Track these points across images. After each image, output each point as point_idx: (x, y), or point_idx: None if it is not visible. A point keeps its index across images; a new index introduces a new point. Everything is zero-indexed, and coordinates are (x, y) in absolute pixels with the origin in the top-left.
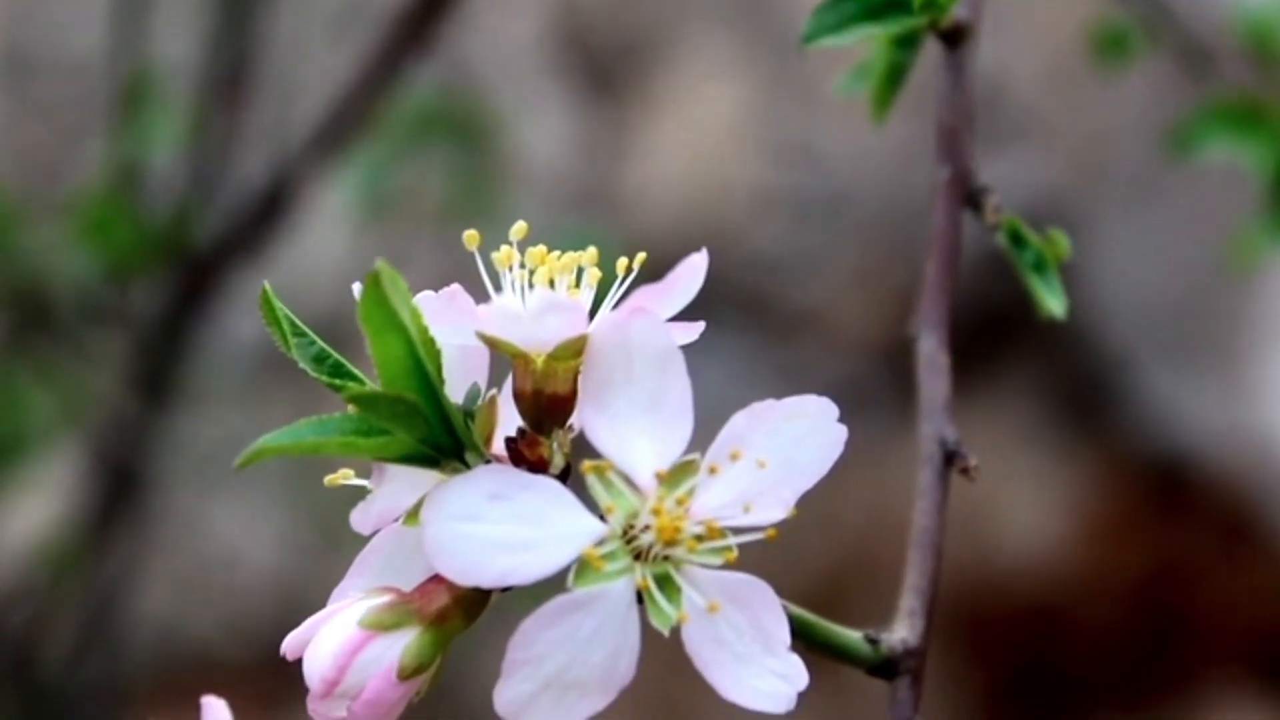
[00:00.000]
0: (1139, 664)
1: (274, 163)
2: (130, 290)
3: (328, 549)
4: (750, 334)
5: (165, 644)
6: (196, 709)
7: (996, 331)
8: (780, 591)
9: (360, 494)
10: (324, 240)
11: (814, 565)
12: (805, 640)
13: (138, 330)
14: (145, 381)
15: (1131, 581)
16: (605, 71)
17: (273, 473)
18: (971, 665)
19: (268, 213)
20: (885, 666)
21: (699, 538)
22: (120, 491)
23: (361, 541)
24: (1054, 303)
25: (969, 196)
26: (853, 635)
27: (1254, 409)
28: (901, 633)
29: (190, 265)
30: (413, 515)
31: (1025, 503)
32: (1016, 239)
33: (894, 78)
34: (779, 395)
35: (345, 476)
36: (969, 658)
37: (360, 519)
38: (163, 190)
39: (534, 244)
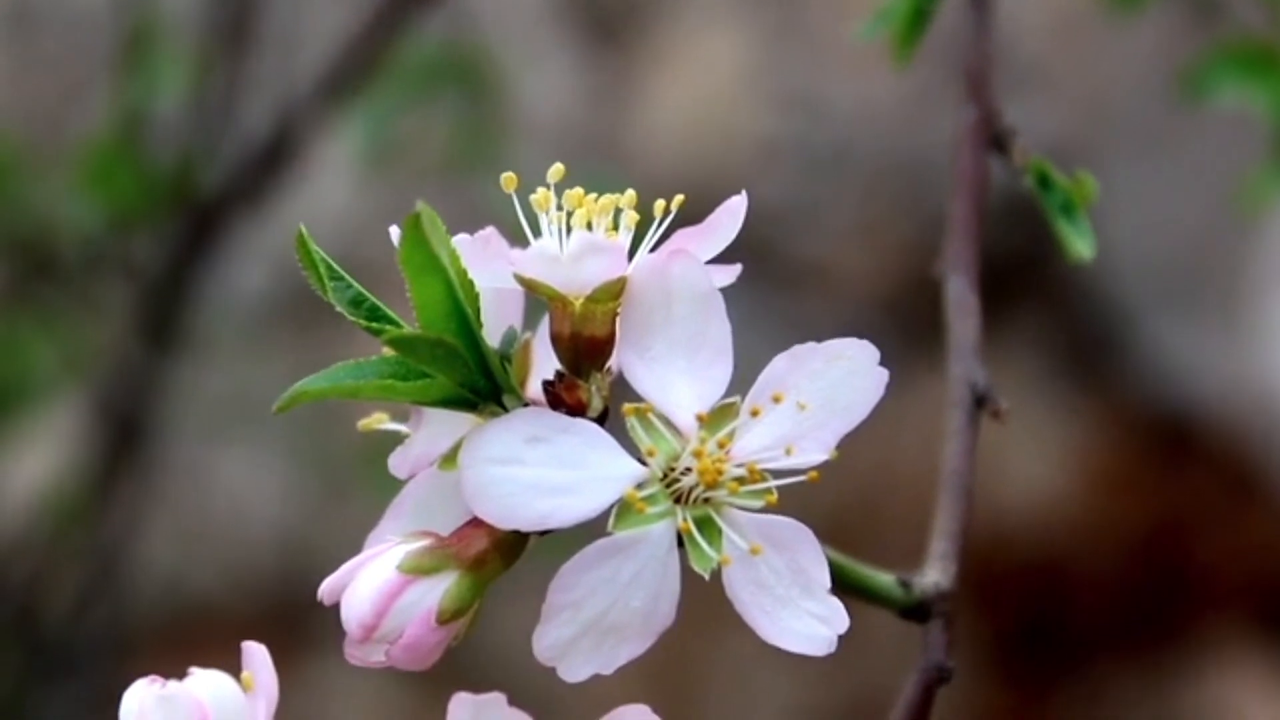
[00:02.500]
0: (1142, 615)
1: (278, 112)
2: (134, 240)
3: (332, 501)
4: (754, 285)
5: (168, 596)
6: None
7: (1000, 283)
8: None
9: (374, 442)
10: (328, 189)
11: (818, 516)
12: (837, 583)
13: (142, 280)
14: (149, 331)
15: (1135, 533)
16: (610, 21)
17: (278, 424)
18: (975, 617)
19: (272, 162)
20: (918, 610)
21: (740, 480)
22: (124, 442)
23: (368, 492)
24: (1082, 245)
25: (995, 138)
26: (885, 578)
27: (1259, 361)
28: (934, 576)
29: (194, 214)
30: (449, 459)
31: (1029, 454)
32: (1044, 181)
33: (917, 20)
34: (782, 347)
35: (379, 421)
36: (972, 609)
37: (398, 462)
38: (167, 139)
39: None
